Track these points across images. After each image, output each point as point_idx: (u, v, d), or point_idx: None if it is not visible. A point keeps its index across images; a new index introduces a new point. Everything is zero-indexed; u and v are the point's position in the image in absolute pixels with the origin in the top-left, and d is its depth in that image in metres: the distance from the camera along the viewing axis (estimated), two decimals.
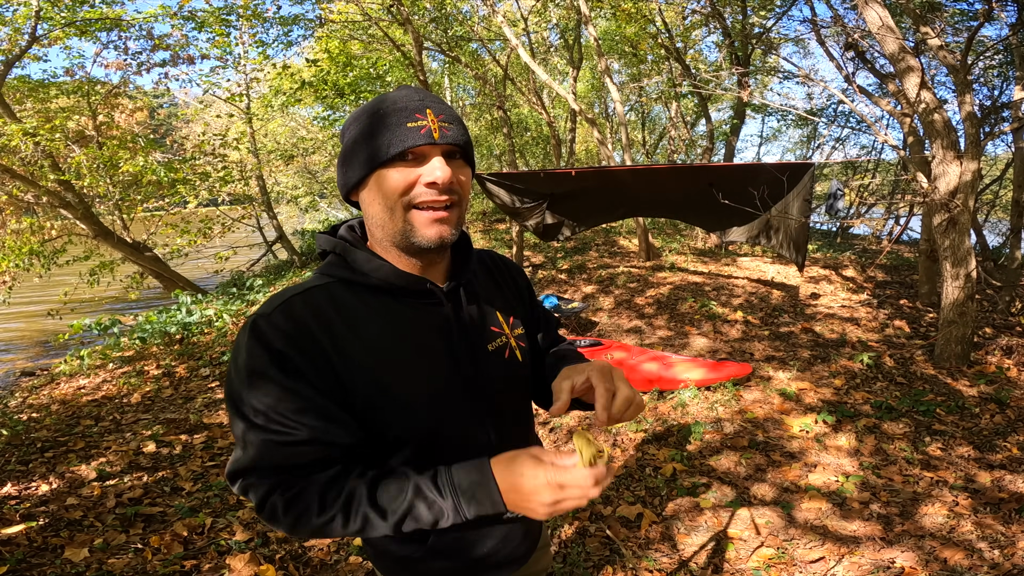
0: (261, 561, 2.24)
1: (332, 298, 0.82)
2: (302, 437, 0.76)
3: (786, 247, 5.65)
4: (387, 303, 0.84)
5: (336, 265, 0.86)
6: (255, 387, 0.76)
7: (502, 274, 1.04)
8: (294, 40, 8.81)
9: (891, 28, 3.89)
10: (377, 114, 0.80)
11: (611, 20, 11.04)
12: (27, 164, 7.02)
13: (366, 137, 0.80)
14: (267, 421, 0.76)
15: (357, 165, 0.81)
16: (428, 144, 0.78)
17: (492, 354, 0.92)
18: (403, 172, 0.79)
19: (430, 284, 0.86)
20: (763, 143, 17.23)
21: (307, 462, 0.78)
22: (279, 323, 0.77)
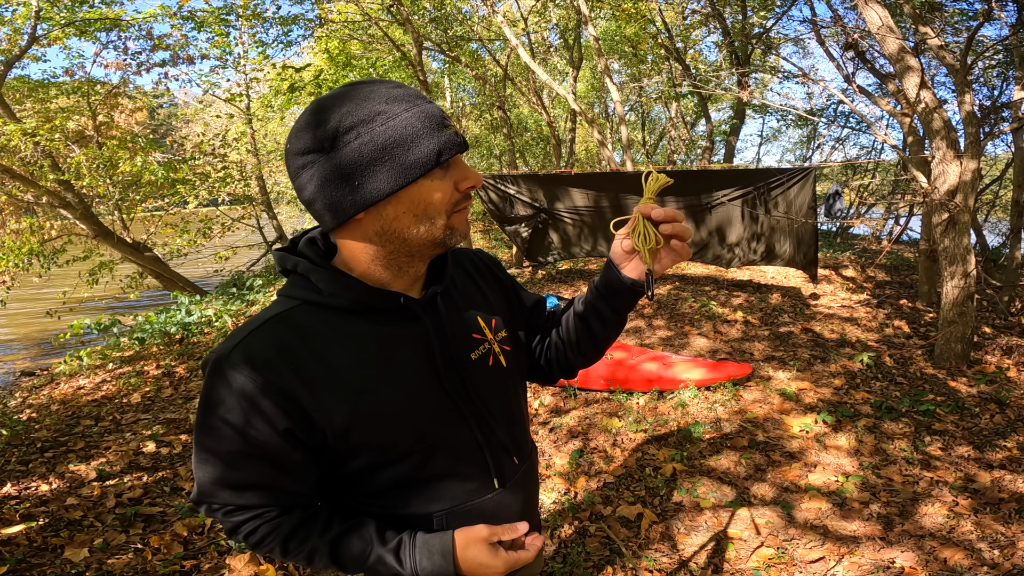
0: (261, 561, 2.24)
1: (297, 326, 0.76)
2: (252, 482, 0.77)
3: (797, 260, 5.67)
4: (358, 324, 0.79)
5: (299, 286, 0.79)
6: (211, 426, 0.74)
7: (481, 273, 1.00)
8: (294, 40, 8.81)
9: (891, 28, 3.89)
10: (397, 119, 0.71)
11: (611, 20, 11.04)
12: (27, 164, 7.02)
13: (404, 141, 0.70)
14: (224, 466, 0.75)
15: (385, 178, 0.71)
16: (463, 151, 0.76)
17: (475, 363, 0.89)
18: (444, 181, 0.75)
19: (404, 299, 0.80)
20: (763, 143, 17.25)
21: (260, 503, 0.79)
22: (239, 364, 0.72)
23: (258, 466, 0.76)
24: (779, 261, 5.82)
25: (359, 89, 0.73)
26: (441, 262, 0.90)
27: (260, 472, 0.76)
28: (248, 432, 0.73)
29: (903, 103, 4.83)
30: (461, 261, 0.98)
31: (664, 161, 14.48)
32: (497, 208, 6.83)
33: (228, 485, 0.77)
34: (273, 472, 0.77)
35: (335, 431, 0.76)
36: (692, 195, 5.87)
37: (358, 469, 0.82)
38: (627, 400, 3.75)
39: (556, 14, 11.02)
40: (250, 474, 0.76)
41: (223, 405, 0.73)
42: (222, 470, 0.76)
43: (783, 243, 5.68)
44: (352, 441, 0.78)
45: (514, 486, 0.94)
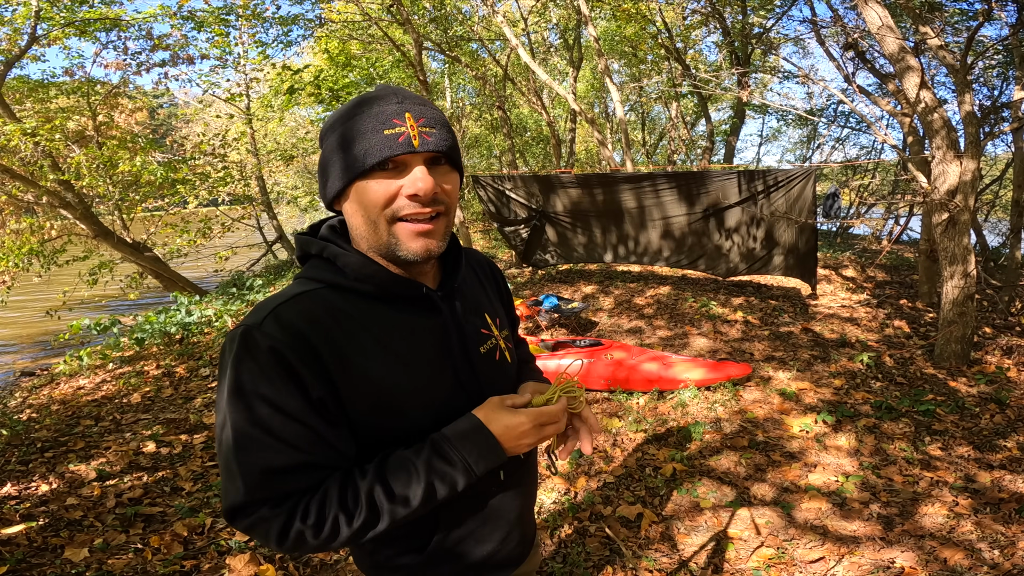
0: (261, 561, 2.24)
1: (324, 304, 0.77)
2: (297, 462, 0.72)
3: (795, 270, 5.67)
4: (381, 309, 0.80)
5: (323, 269, 0.80)
6: (244, 409, 0.70)
7: (485, 274, 1.04)
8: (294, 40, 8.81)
9: (891, 28, 3.89)
10: (353, 119, 0.75)
11: (611, 20, 11.04)
12: (27, 164, 7.02)
13: (343, 145, 0.75)
14: (262, 450, 0.70)
15: (335, 176, 0.77)
16: (408, 153, 0.73)
17: (484, 356, 0.91)
18: (383, 183, 0.74)
19: (426, 290, 0.83)
20: (763, 143, 17.26)
21: (308, 486, 0.73)
22: (272, 332, 0.71)
23: (293, 442, 0.71)
24: (778, 271, 5.82)
25: (351, 101, 0.80)
26: (455, 261, 0.92)
27: (302, 445, 0.72)
28: (285, 401, 0.70)
29: (903, 103, 4.83)
30: (469, 261, 1.01)
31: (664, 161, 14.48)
32: (495, 208, 6.83)
33: (270, 471, 0.70)
34: (315, 443, 0.73)
35: (355, 409, 0.77)
36: (690, 202, 5.86)
37: (370, 449, 0.81)
38: (627, 400, 3.75)
39: (556, 14, 11.02)
40: (287, 452, 0.71)
41: (257, 376, 0.70)
42: (257, 453, 0.70)
43: (782, 253, 5.68)
44: (367, 422, 0.78)
45: (516, 480, 0.97)
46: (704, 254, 6.11)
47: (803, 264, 5.56)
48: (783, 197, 5.39)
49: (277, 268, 10.19)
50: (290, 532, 0.71)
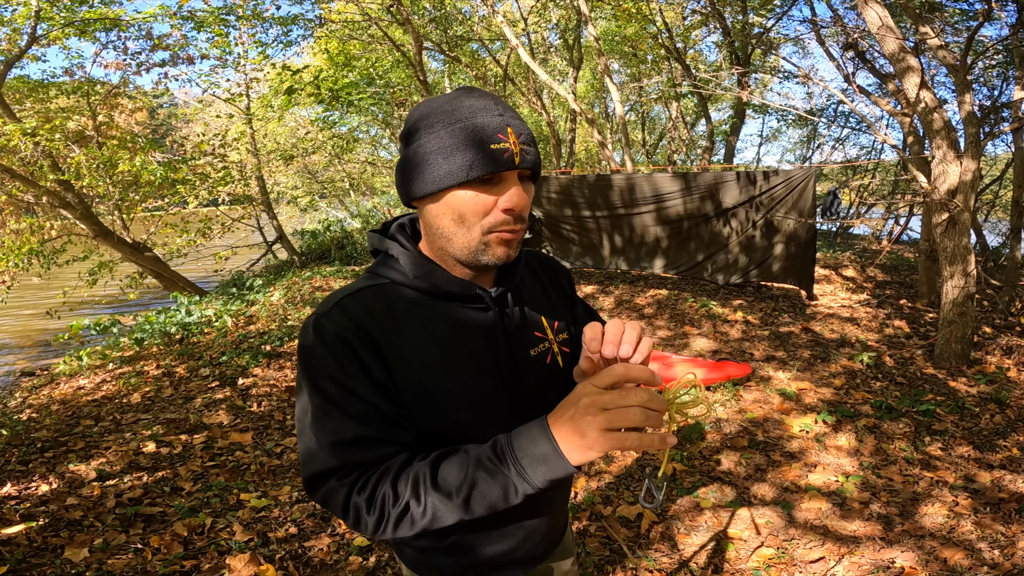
0: (261, 561, 2.24)
1: (383, 298, 0.83)
2: (363, 434, 0.77)
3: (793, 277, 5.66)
4: (435, 306, 0.85)
5: (388, 267, 0.86)
6: (318, 390, 0.77)
7: (548, 276, 1.03)
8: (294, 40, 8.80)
9: (891, 28, 3.89)
10: (457, 125, 0.76)
11: (611, 20, 11.04)
12: (27, 164, 7.01)
13: (446, 149, 0.76)
14: (332, 423, 0.77)
15: (430, 179, 0.77)
16: (509, 170, 0.76)
17: (534, 359, 0.91)
18: (481, 195, 0.77)
19: (479, 290, 0.85)
20: (763, 143, 17.28)
21: (373, 459, 0.77)
22: (338, 320, 0.78)
23: (360, 416, 0.77)
24: (776, 277, 5.80)
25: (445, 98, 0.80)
26: (514, 263, 0.92)
27: (362, 422, 0.77)
28: (352, 380, 0.77)
29: (903, 103, 4.83)
30: (531, 262, 1.01)
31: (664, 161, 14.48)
32: None
33: (339, 444, 0.76)
34: (379, 420, 0.78)
35: (403, 398, 0.81)
36: (689, 205, 5.86)
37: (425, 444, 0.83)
38: None
39: (556, 14, 11.02)
40: (353, 426, 0.77)
41: (327, 358, 0.77)
42: (329, 426, 0.77)
43: (780, 258, 5.67)
44: (415, 411, 0.82)
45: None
46: (702, 260, 6.08)
47: (801, 269, 5.56)
48: (782, 199, 5.39)
49: (277, 268, 10.19)
50: (350, 505, 0.75)
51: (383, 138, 14.31)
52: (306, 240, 10.85)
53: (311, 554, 2.35)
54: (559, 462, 0.69)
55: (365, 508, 0.75)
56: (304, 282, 7.63)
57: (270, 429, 3.58)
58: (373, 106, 11.11)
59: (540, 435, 0.70)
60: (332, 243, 10.23)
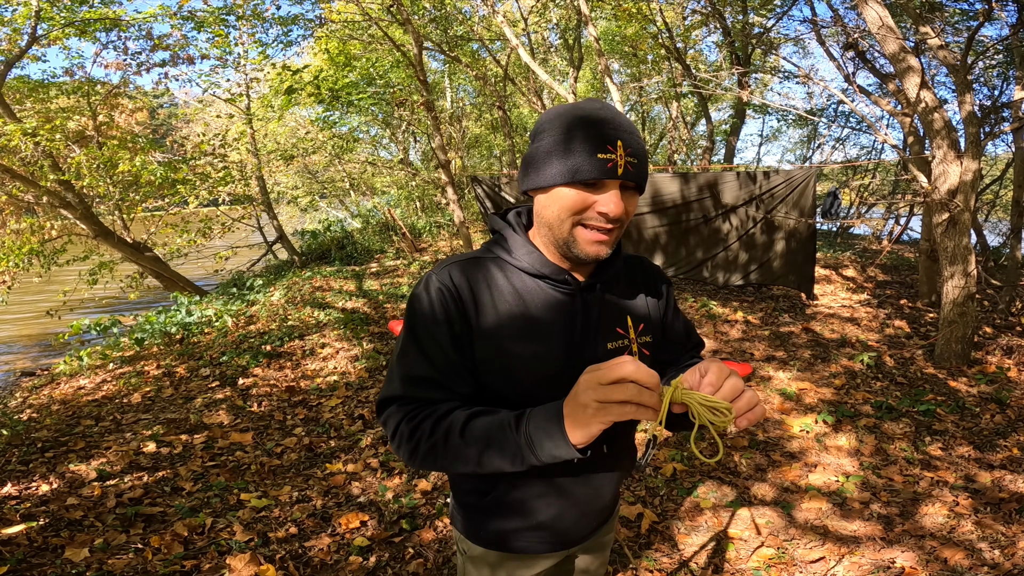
0: (261, 561, 2.24)
1: (484, 270, 0.96)
2: (430, 375, 0.91)
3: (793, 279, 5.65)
4: (528, 284, 0.95)
5: (496, 245, 0.99)
6: (411, 329, 0.93)
7: (647, 283, 1.08)
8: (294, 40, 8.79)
9: (891, 28, 3.89)
10: (572, 132, 0.86)
11: (611, 20, 11.04)
12: (27, 164, 7.01)
13: (559, 153, 0.87)
14: (408, 358, 0.92)
15: (545, 175, 0.89)
16: (611, 179, 0.85)
17: (610, 352, 0.97)
18: (581, 195, 0.87)
19: (568, 275, 0.95)
20: (763, 143, 17.27)
21: (430, 398, 0.91)
22: (443, 280, 0.93)
23: (433, 359, 0.91)
24: (776, 280, 5.79)
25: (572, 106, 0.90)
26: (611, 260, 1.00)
27: (433, 364, 0.91)
28: (436, 329, 0.91)
29: (903, 103, 4.83)
30: (634, 267, 1.08)
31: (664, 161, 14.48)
32: (495, 210, 6.81)
33: (408, 376, 0.92)
34: (447, 367, 0.91)
35: (480, 357, 0.92)
36: (688, 206, 5.85)
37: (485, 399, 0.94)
38: None
39: (556, 14, 11.02)
40: (425, 365, 0.91)
41: (422, 306, 0.93)
42: (406, 361, 0.93)
43: (780, 259, 5.66)
44: (486, 371, 0.93)
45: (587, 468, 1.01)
46: (702, 260, 6.08)
47: (801, 270, 5.56)
48: (783, 199, 5.39)
49: (277, 268, 10.19)
50: (399, 431, 0.90)
51: (383, 138, 14.31)
52: (306, 240, 10.84)
53: (311, 554, 2.35)
54: (562, 441, 0.76)
55: (407, 436, 0.88)
56: (304, 282, 7.63)
57: (270, 429, 3.58)
58: (373, 106, 11.10)
59: (554, 414, 0.77)
60: (332, 243, 10.23)
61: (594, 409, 0.71)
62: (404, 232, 10.04)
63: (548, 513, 1.03)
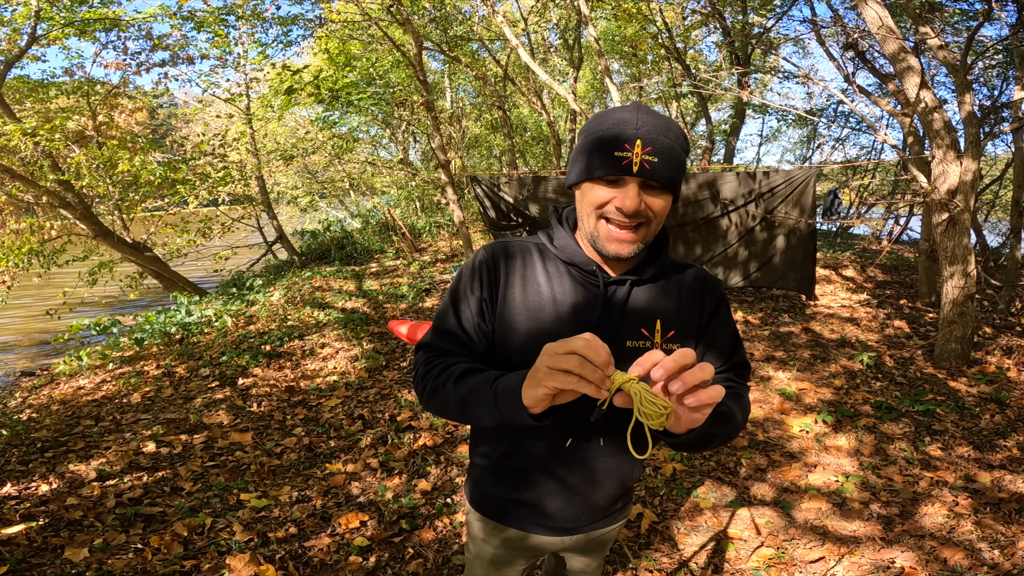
0: (261, 561, 2.24)
1: (525, 251, 1.06)
2: (454, 330, 1.03)
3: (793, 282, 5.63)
4: (560, 270, 1.03)
5: (544, 233, 1.09)
6: (452, 291, 1.07)
7: (694, 293, 1.07)
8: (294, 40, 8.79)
9: (891, 28, 3.89)
10: (596, 133, 0.93)
11: (611, 20, 11.04)
12: (27, 164, 7.00)
13: (585, 152, 0.95)
14: (443, 313, 1.06)
15: (573, 172, 0.99)
16: (626, 175, 0.90)
17: (628, 350, 0.99)
18: (603, 191, 0.93)
19: (596, 267, 1.01)
20: (763, 143, 17.27)
21: (450, 348, 1.03)
22: (485, 253, 1.06)
23: (461, 317, 1.04)
24: (776, 283, 5.77)
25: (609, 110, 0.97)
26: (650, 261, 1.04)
27: (460, 321, 1.03)
28: (465, 290, 1.05)
29: (903, 103, 4.83)
30: (685, 275, 1.09)
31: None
32: (493, 210, 6.79)
33: (438, 328, 1.05)
34: (469, 325, 1.03)
35: (501, 325, 1.02)
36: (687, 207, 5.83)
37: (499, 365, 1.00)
38: None
39: (556, 14, 11.02)
40: (452, 321, 1.04)
41: (464, 272, 1.07)
42: (441, 316, 1.06)
43: (780, 261, 5.64)
44: (504, 338, 1.02)
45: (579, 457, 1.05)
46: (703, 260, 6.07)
47: (802, 270, 5.55)
48: (783, 200, 5.38)
49: (277, 268, 10.19)
50: (417, 372, 1.04)
51: (383, 138, 14.31)
52: (306, 240, 10.84)
53: (311, 554, 2.34)
54: (518, 399, 0.81)
55: (420, 377, 1.02)
56: (304, 282, 7.63)
57: (270, 429, 3.58)
58: (373, 106, 11.10)
59: (520, 376, 0.83)
60: (332, 243, 10.23)
61: (543, 373, 0.75)
62: (404, 232, 10.04)
63: (538, 491, 1.08)
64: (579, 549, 1.20)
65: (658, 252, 1.05)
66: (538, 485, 1.08)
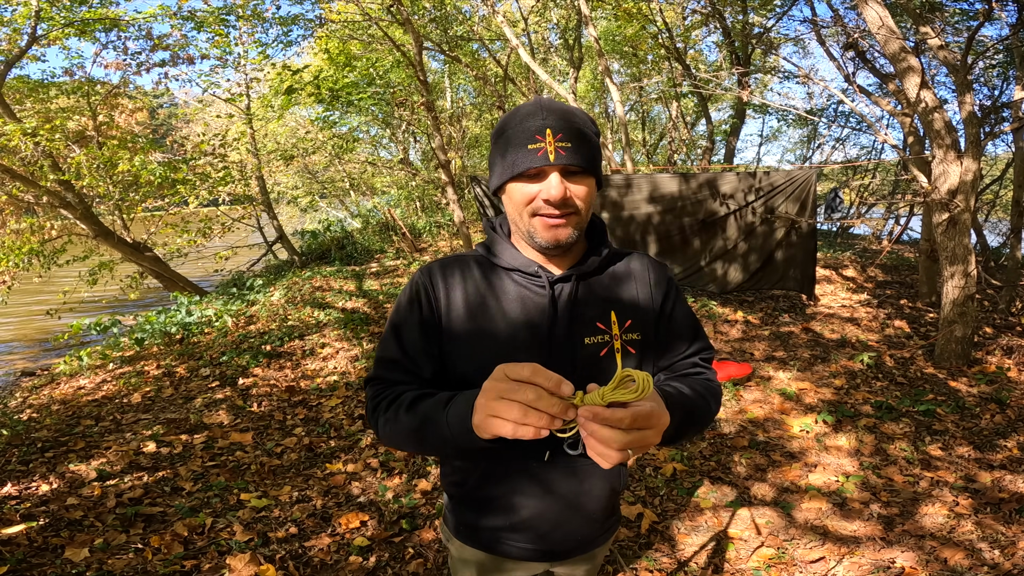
0: (261, 561, 2.24)
1: (464, 266, 1.03)
2: (398, 358, 0.99)
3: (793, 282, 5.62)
4: (503, 279, 1.00)
5: (483, 245, 1.06)
6: (393, 316, 1.03)
7: (643, 277, 1.05)
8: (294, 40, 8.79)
9: (891, 28, 3.89)
10: (508, 132, 0.93)
11: (611, 20, 11.04)
12: (27, 164, 7.00)
13: (500, 153, 0.94)
14: (385, 343, 1.02)
15: (495, 176, 0.97)
16: (545, 165, 0.89)
17: (586, 347, 0.97)
18: (527, 187, 0.92)
19: (538, 268, 0.97)
20: (763, 143, 17.27)
21: (397, 378, 0.99)
22: (421, 277, 1.02)
23: (403, 345, 1.00)
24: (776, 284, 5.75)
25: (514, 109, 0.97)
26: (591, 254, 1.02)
27: (402, 349, 0.99)
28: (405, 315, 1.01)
29: (903, 103, 4.83)
30: (629, 261, 1.07)
31: (664, 161, 14.48)
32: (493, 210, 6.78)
33: (380, 359, 1.02)
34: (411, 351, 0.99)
35: (449, 344, 0.98)
36: (688, 207, 5.83)
37: (454, 384, 0.97)
38: None
39: (556, 14, 11.02)
40: (395, 350, 1.00)
41: (401, 300, 1.03)
42: (383, 345, 1.02)
43: (781, 262, 5.63)
44: (455, 357, 0.98)
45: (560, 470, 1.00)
46: (700, 268, 6.03)
47: (802, 271, 5.54)
48: (783, 200, 5.38)
49: (277, 268, 10.18)
50: (369, 405, 1.00)
51: (383, 138, 14.31)
52: (306, 240, 10.83)
53: (311, 554, 2.35)
54: (467, 426, 0.77)
55: (371, 410, 0.98)
56: (304, 282, 7.63)
57: (270, 429, 3.58)
58: (373, 106, 11.10)
59: (470, 398, 0.78)
60: (332, 243, 10.23)
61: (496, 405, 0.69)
62: (404, 232, 10.04)
63: (524, 513, 1.01)
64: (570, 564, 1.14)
65: (599, 243, 1.03)
66: (523, 508, 1.01)
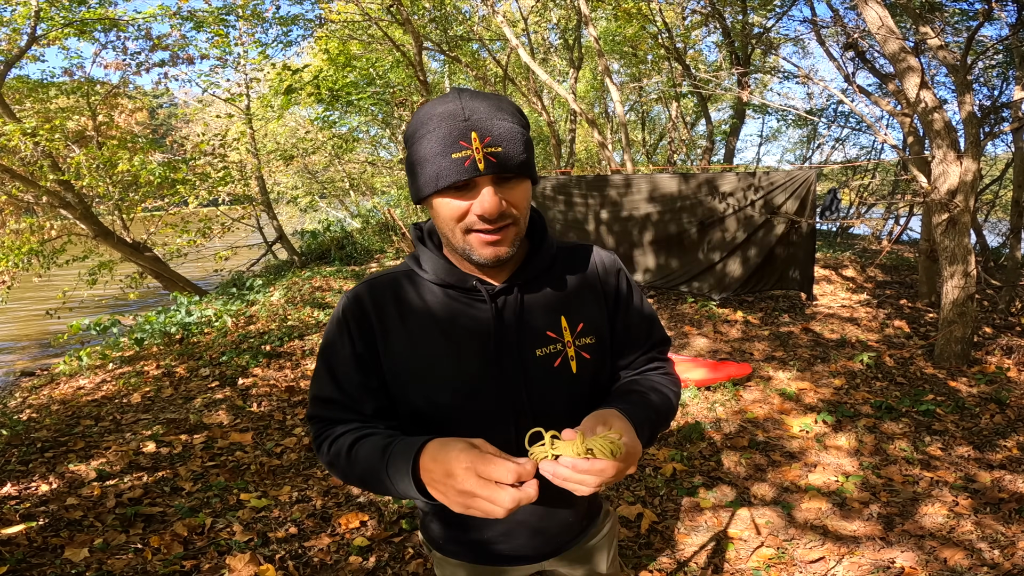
0: (261, 561, 2.24)
1: (395, 285, 0.92)
2: (334, 396, 0.91)
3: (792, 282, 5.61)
4: (438, 295, 0.91)
5: (411, 258, 0.95)
6: (323, 349, 0.93)
7: (591, 275, 0.97)
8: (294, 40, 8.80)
9: (891, 28, 3.89)
10: (426, 136, 0.79)
11: (611, 20, 11.04)
12: (27, 164, 7.01)
13: (419, 162, 0.81)
14: (318, 379, 0.93)
15: (416, 188, 0.84)
16: (474, 176, 0.76)
17: (538, 359, 0.89)
18: (455, 202, 0.80)
19: (475, 282, 0.88)
20: (763, 143, 17.27)
21: (335, 416, 0.91)
22: (347, 301, 0.91)
23: (337, 381, 0.91)
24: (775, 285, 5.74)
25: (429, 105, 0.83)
26: (532, 259, 0.92)
27: (338, 386, 0.91)
28: (336, 349, 0.91)
29: (903, 103, 4.83)
30: (574, 259, 0.97)
31: (664, 161, 14.48)
32: None
33: (316, 397, 0.93)
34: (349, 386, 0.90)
35: (391, 375, 0.90)
36: (688, 207, 5.81)
37: (404, 415, 0.93)
38: None
39: (556, 14, 11.03)
40: (331, 387, 0.91)
41: (330, 330, 0.93)
42: (316, 383, 0.93)
43: (780, 260, 5.62)
44: (400, 388, 0.91)
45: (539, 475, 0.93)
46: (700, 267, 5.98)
47: (801, 270, 5.54)
48: (782, 200, 5.38)
49: (277, 268, 10.18)
50: (314, 444, 0.93)
51: (383, 138, 14.31)
52: (306, 240, 10.83)
53: (311, 554, 2.34)
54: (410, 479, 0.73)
55: (317, 450, 0.91)
56: (304, 282, 7.63)
57: (270, 429, 3.58)
58: (373, 106, 11.11)
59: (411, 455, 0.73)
60: (332, 243, 10.23)
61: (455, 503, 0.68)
62: (404, 232, 10.04)
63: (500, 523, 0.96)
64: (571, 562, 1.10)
65: (540, 243, 0.93)
66: (493, 524, 0.96)
